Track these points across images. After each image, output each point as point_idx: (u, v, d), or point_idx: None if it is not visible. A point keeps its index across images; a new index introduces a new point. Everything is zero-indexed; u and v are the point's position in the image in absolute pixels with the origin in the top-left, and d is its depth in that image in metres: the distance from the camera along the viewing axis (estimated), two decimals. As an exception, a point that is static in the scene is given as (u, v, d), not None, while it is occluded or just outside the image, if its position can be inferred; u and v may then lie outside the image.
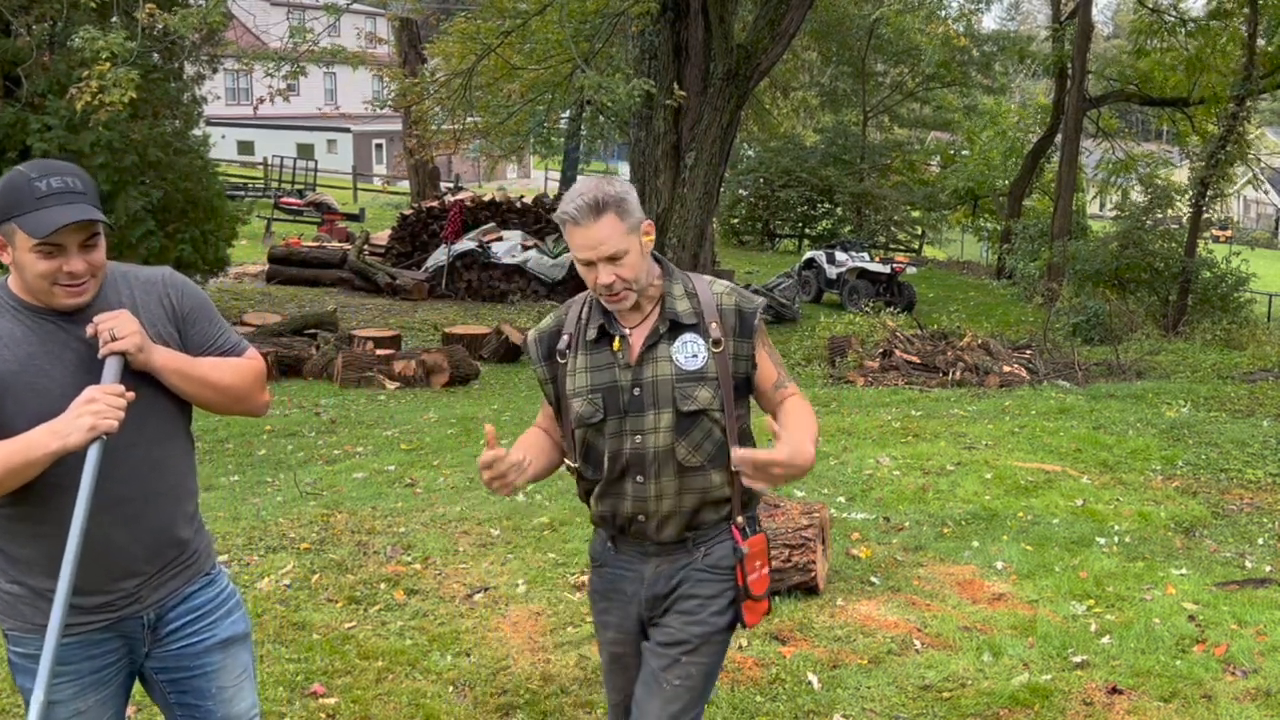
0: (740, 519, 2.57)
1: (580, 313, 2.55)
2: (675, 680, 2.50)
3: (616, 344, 2.48)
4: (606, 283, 2.41)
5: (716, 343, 2.47)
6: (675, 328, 2.48)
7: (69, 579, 2.10)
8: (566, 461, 2.62)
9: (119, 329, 2.18)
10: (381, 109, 18.62)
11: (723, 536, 2.55)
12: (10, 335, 2.20)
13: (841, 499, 6.48)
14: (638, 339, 2.49)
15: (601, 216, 2.37)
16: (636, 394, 2.46)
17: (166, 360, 2.26)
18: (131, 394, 2.15)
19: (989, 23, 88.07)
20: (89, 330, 2.19)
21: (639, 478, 2.48)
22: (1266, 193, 40.97)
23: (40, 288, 2.19)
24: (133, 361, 2.20)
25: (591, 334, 2.50)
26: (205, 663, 2.43)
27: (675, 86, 14.21)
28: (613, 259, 2.40)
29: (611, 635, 2.66)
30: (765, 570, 2.57)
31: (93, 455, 2.13)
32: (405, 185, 30.90)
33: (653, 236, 2.47)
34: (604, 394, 2.48)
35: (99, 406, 2.09)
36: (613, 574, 2.62)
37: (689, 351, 2.46)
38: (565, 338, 2.54)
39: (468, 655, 4.26)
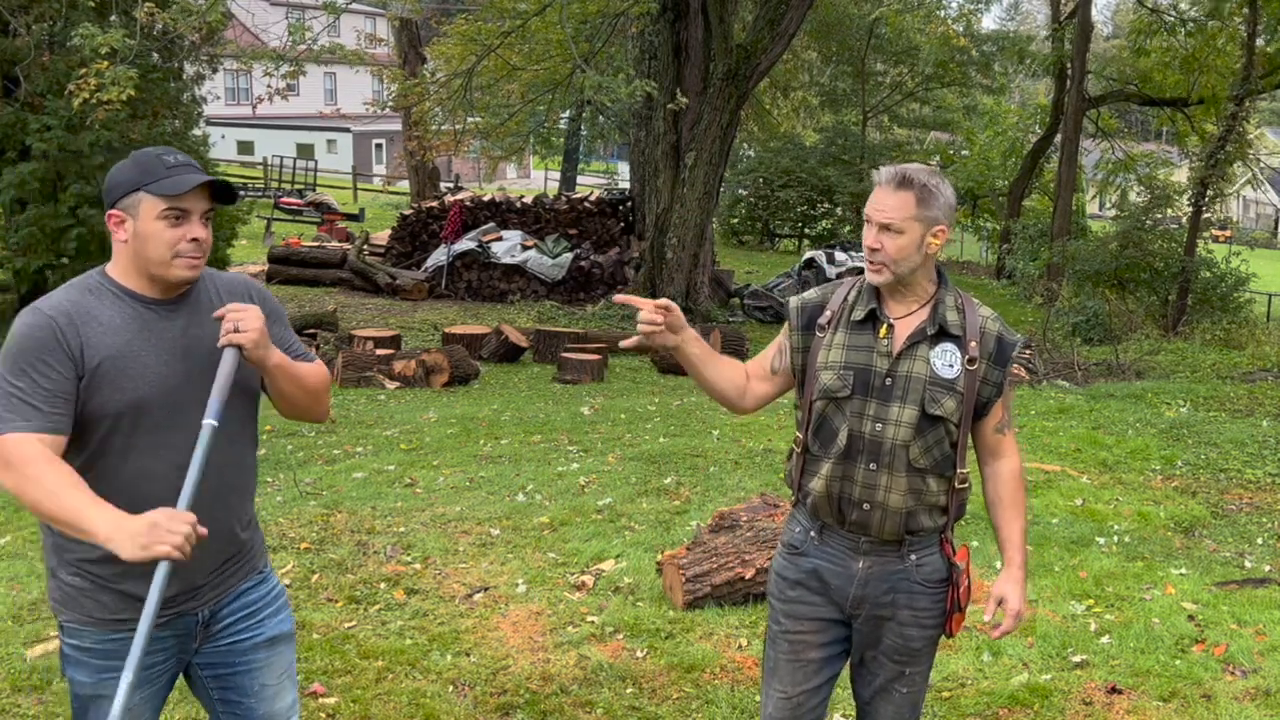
0: (949, 532, 2.64)
1: (847, 294, 2.64)
2: (904, 689, 2.67)
3: (883, 331, 2.55)
4: (870, 245, 2.52)
5: (971, 360, 2.54)
6: (940, 334, 2.55)
7: (163, 578, 2.09)
8: (796, 434, 2.68)
9: (244, 323, 2.23)
10: (382, 110, 18.64)
11: (933, 548, 2.61)
12: (110, 321, 2.23)
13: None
14: (902, 331, 2.55)
15: (900, 190, 2.49)
16: (888, 383, 2.53)
17: (280, 359, 2.32)
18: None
19: (989, 23, 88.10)
20: (217, 313, 2.25)
21: (872, 465, 2.53)
22: (1266, 193, 40.97)
23: (161, 258, 2.24)
24: (248, 356, 2.25)
25: (859, 315, 2.58)
26: (251, 660, 2.45)
27: (678, 91, 14.18)
28: (885, 228, 2.49)
29: (797, 625, 2.65)
30: (968, 583, 2.64)
31: (201, 445, 2.16)
32: (405, 185, 30.89)
33: (941, 243, 2.54)
34: (855, 372, 2.54)
35: (160, 534, 2.04)
36: (813, 564, 2.63)
37: (946, 360, 2.54)
38: (828, 313, 2.63)
39: (468, 655, 4.26)
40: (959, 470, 2.57)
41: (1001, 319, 2.63)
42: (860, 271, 2.63)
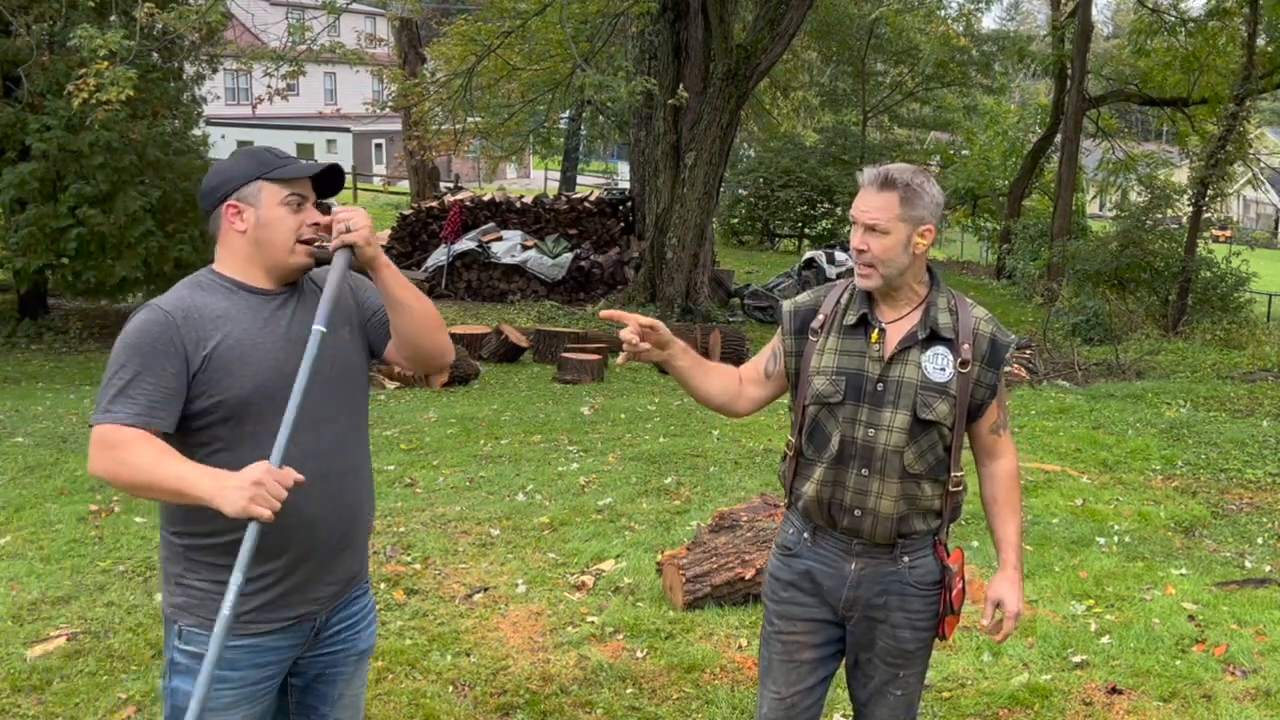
0: (944, 535, 2.63)
1: (840, 297, 2.62)
2: (898, 691, 2.66)
3: (875, 336, 2.53)
4: (857, 246, 2.50)
5: (964, 363, 2.52)
6: (932, 338, 2.53)
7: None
8: (789, 438, 2.66)
9: (354, 221, 2.25)
10: (382, 110, 18.64)
11: (926, 550, 2.60)
12: (225, 312, 2.25)
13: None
14: (894, 336, 2.54)
15: (884, 191, 2.48)
16: (880, 388, 2.51)
17: (388, 260, 2.32)
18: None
19: (989, 23, 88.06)
20: (325, 220, 2.27)
21: (864, 470, 2.52)
22: (1266, 193, 40.97)
23: (286, 244, 2.28)
24: (360, 255, 2.26)
25: (851, 319, 2.56)
26: (339, 671, 2.46)
27: (680, 86, 14.18)
28: (871, 229, 2.48)
29: (790, 625, 2.65)
30: (961, 585, 2.63)
31: (310, 351, 2.17)
32: (405, 185, 30.89)
33: (928, 243, 2.53)
34: (848, 378, 2.53)
35: (262, 492, 2.05)
36: (805, 566, 2.62)
37: (938, 364, 2.52)
38: (821, 317, 2.61)
39: (468, 655, 4.25)
40: (953, 473, 2.56)
41: (996, 320, 2.61)
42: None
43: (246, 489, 2.04)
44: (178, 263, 13.66)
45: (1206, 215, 18.75)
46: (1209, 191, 17.98)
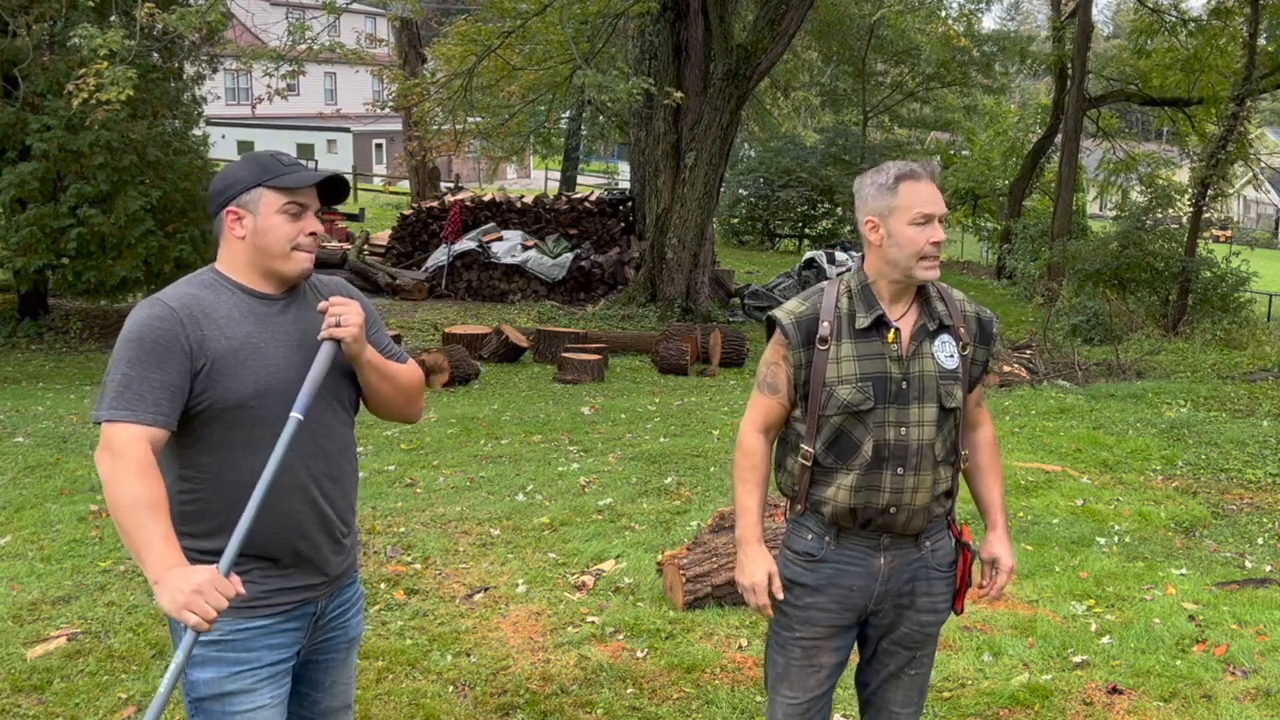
0: (954, 513, 2.69)
1: (836, 300, 2.58)
2: (913, 671, 2.71)
3: (891, 336, 2.54)
4: (939, 239, 2.51)
5: (964, 346, 2.59)
6: (938, 328, 2.57)
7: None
8: (803, 447, 2.60)
9: (346, 317, 2.28)
10: (382, 110, 18.65)
11: (943, 531, 2.65)
12: (229, 315, 2.28)
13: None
14: (905, 332, 2.56)
15: (934, 181, 2.54)
16: (904, 386, 2.53)
17: (372, 356, 2.37)
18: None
19: (989, 23, 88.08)
20: (321, 305, 2.31)
21: (899, 469, 2.53)
22: (1267, 193, 40.97)
23: (281, 251, 2.30)
24: (346, 350, 2.31)
25: (864, 322, 2.54)
26: (331, 657, 2.50)
27: (674, 87, 14.20)
28: (942, 220, 2.53)
29: (812, 631, 2.63)
30: (972, 557, 2.70)
31: (284, 439, 2.20)
32: (405, 185, 30.90)
33: None
34: (874, 382, 2.52)
35: (200, 601, 2.05)
36: (834, 569, 2.61)
37: (946, 351, 2.57)
38: (826, 324, 2.57)
39: (468, 655, 4.25)
40: (962, 452, 2.64)
41: (970, 298, 2.69)
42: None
43: (184, 594, 2.05)
44: (178, 263, 13.66)
45: (1207, 215, 18.75)
46: (1209, 191, 17.97)
